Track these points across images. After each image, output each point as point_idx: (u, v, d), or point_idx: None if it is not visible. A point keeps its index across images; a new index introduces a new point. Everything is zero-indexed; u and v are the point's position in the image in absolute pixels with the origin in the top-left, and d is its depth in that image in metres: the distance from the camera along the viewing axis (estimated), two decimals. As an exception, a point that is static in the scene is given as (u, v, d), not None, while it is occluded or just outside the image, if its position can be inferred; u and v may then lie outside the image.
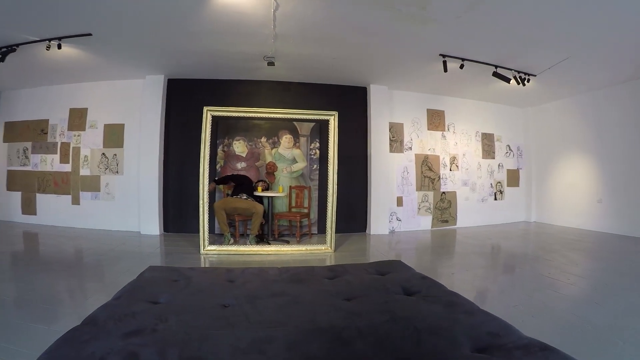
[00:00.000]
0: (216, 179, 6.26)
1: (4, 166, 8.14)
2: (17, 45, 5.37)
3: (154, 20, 4.78)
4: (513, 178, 9.07)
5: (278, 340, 1.52)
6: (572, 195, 8.21)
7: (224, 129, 7.02)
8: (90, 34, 5.12)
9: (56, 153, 7.72)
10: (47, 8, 4.40)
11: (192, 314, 1.76)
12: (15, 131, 8.05)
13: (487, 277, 4.43)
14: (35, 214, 7.83)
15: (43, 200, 7.80)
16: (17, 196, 7.98)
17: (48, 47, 5.23)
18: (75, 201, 7.57)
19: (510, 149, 9.06)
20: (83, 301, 3.49)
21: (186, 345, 1.47)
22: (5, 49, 5.39)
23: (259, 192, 6.21)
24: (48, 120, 7.80)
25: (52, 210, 7.71)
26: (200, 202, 5.49)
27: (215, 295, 2.04)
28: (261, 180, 6.48)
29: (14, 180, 8.04)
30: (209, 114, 5.54)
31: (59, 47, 5.23)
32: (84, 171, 7.54)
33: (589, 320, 2.96)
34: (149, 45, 5.70)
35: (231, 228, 6.52)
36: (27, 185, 7.91)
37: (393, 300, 1.98)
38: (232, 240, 5.87)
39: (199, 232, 5.51)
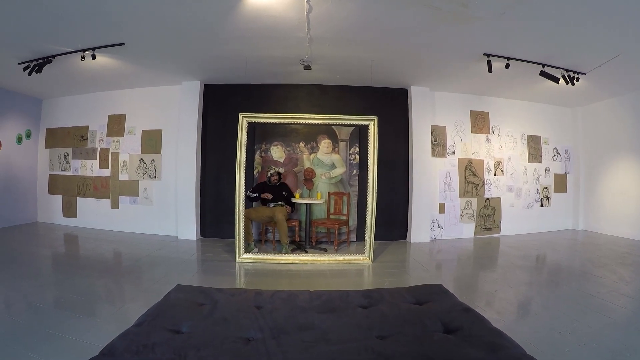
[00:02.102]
0: (248, 194, 5.94)
1: (45, 171, 8.40)
2: (53, 56, 5.46)
3: (186, 29, 4.72)
4: (560, 183, 8.56)
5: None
6: (623, 202, 7.62)
7: (261, 134, 6.91)
8: (123, 44, 5.14)
9: (96, 158, 7.86)
10: (80, 21, 4.43)
11: (213, 349, 1.66)
12: (57, 137, 8.28)
13: (532, 297, 4.12)
14: (75, 216, 8.02)
15: (83, 204, 7.98)
16: (58, 199, 8.21)
17: (83, 58, 5.30)
18: (115, 205, 7.68)
19: (557, 152, 8.55)
20: (116, 311, 3.46)
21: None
22: (41, 61, 5.49)
23: (296, 199, 6.07)
24: (88, 126, 7.97)
25: (92, 213, 7.86)
26: (236, 210, 5.39)
27: (239, 325, 1.91)
28: (272, 175, 6.20)
29: (56, 184, 8.27)
30: (244, 120, 5.42)
31: (93, 57, 5.28)
32: (122, 176, 7.63)
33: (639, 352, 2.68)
34: (182, 53, 5.67)
35: (268, 234, 6.46)
36: (68, 189, 8.11)
37: (430, 341, 1.78)
38: (256, 250, 5.76)
39: (234, 239, 5.42)
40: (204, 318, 1.97)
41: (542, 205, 8.33)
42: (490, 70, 5.50)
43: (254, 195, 6.00)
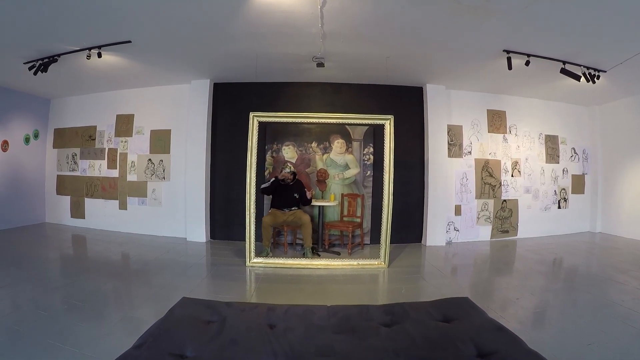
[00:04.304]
0: (263, 187, 5.77)
1: (53, 171, 8.33)
2: (58, 55, 5.36)
3: (194, 25, 4.56)
4: (578, 184, 8.31)
5: None
6: (642, 203, 7.39)
7: (272, 133, 6.74)
8: (129, 41, 4.99)
9: (104, 159, 7.76)
10: (84, 18, 4.30)
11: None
12: (65, 137, 8.21)
13: (555, 305, 3.90)
14: (83, 217, 7.95)
15: (91, 205, 7.90)
16: (66, 200, 8.15)
17: (88, 57, 5.18)
18: (123, 206, 7.57)
19: (575, 152, 8.30)
20: (120, 320, 3.29)
21: None
22: (47, 60, 5.40)
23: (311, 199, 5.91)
24: (96, 126, 7.87)
25: (100, 214, 7.77)
26: (247, 212, 5.23)
27: (251, 349, 1.71)
28: (286, 173, 5.82)
29: (64, 185, 8.20)
30: (255, 119, 5.25)
31: (99, 55, 5.15)
32: (130, 177, 7.51)
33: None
34: (190, 50, 5.51)
35: (280, 237, 6.32)
36: (76, 190, 8.04)
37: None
38: (270, 255, 5.55)
39: (245, 241, 5.27)
40: (211, 339, 1.78)
41: (559, 207, 8.09)
42: (510, 67, 5.29)
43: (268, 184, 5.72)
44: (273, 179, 5.77)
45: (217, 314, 2.07)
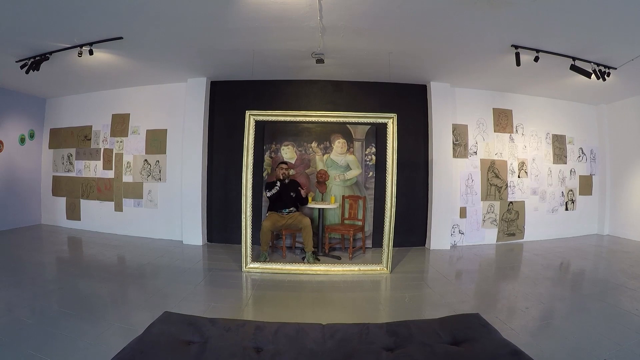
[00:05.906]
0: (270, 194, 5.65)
1: (49, 172, 8.19)
2: (50, 53, 5.20)
3: (187, 18, 4.35)
4: (585, 185, 8.08)
5: None
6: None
7: (270, 133, 6.54)
8: (121, 38, 4.81)
9: (99, 159, 7.60)
10: (73, 13, 4.14)
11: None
12: (60, 138, 8.07)
13: (567, 315, 3.70)
14: (79, 219, 7.80)
15: (87, 206, 7.75)
16: (62, 201, 8.01)
17: (80, 54, 5.01)
18: (118, 208, 7.40)
19: (582, 152, 8.07)
20: (105, 331, 3.07)
21: None
22: (38, 58, 5.25)
23: (309, 203, 5.71)
24: (91, 126, 7.71)
25: (96, 216, 7.62)
26: (243, 216, 5.01)
27: None
28: (284, 175, 5.68)
29: (59, 186, 8.06)
30: (252, 118, 5.05)
31: (91, 52, 4.97)
32: (126, 178, 7.33)
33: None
34: (184, 46, 5.30)
35: (278, 240, 6.15)
36: (72, 191, 7.89)
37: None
38: (268, 259, 5.36)
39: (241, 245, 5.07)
40: None
41: (567, 209, 7.87)
42: (518, 63, 5.07)
43: (273, 192, 5.60)
44: (278, 184, 5.62)
45: (199, 333, 1.85)
